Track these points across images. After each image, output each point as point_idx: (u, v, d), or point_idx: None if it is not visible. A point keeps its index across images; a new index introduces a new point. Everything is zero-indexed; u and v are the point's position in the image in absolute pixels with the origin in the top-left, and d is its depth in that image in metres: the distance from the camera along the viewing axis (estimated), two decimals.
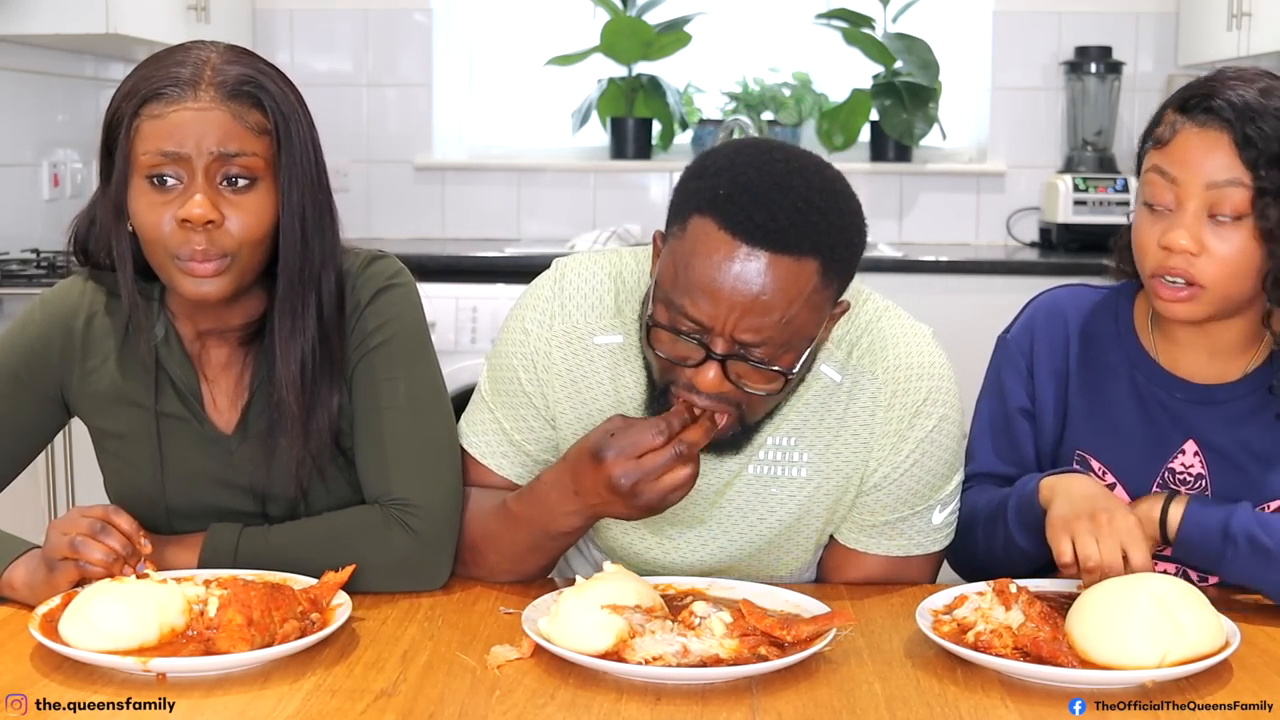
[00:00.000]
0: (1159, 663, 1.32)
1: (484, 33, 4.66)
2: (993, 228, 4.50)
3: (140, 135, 1.50)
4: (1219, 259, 1.56)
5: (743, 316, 1.42)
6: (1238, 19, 3.84)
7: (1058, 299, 1.79)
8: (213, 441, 1.66)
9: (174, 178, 1.50)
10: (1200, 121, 1.57)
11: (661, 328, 1.48)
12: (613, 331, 1.66)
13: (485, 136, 4.68)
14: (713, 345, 1.45)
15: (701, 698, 1.31)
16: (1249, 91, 1.56)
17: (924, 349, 1.64)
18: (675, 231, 1.47)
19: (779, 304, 1.42)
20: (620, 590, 1.41)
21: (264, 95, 1.53)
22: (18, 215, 3.73)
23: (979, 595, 1.46)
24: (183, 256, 1.51)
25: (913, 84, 4.30)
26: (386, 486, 1.62)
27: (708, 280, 1.42)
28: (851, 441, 1.63)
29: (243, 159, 1.51)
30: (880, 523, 1.66)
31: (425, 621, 1.52)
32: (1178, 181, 1.57)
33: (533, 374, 1.67)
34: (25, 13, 3.39)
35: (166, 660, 1.33)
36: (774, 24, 4.47)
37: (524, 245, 4.26)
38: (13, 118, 3.70)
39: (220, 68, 1.52)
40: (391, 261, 1.70)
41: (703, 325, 1.44)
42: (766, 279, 1.41)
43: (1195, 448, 1.67)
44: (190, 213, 1.49)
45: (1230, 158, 1.55)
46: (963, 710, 1.29)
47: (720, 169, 1.47)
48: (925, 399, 1.62)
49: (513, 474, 1.69)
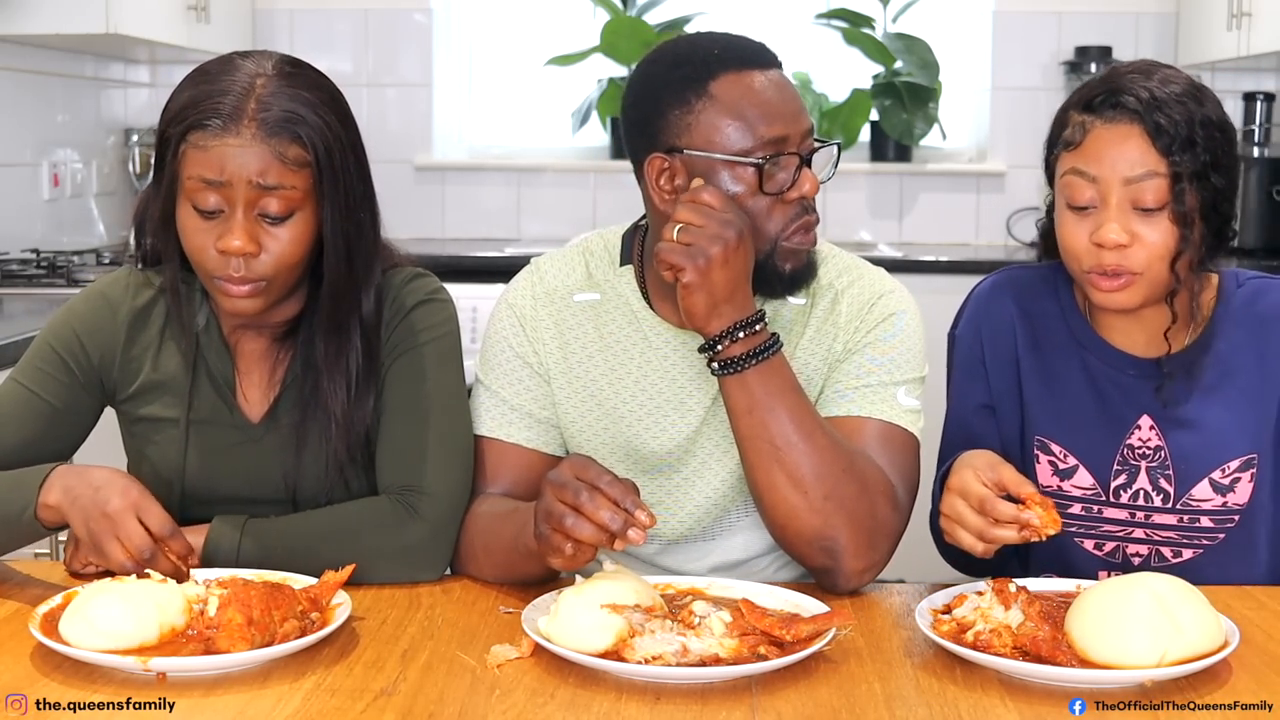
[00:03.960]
0: (1158, 662, 1.32)
1: (484, 33, 4.66)
2: (993, 228, 4.50)
3: (186, 161, 1.58)
4: (1149, 244, 1.61)
5: (797, 115, 1.65)
6: (1238, 19, 3.84)
7: (997, 284, 1.82)
8: (239, 429, 1.71)
9: (215, 206, 1.58)
10: (1109, 118, 1.61)
11: (762, 162, 1.61)
12: (589, 290, 1.78)
13: (485, 136, 4.68)
14: (801, 151, 1.65)
15: (701, 697, 1.31)
16: (1150, 83, 1.61)
17: (880, 273, 1.79)
18: (695, 110, 1.63)
19: (799, 98, 1.68)
20: (620, 590, 1.41)
21: (303, 129, 1.59)
22: (18, 215, 3.73)
23: (979, 595, 1.46)
24: (220, 278, 1.60)
25: (913, 84, 4.30)
26: (399, 476, 1.67)
27: (767, 104, 1.63)
28: (820, 339, 1.73)
29: (281, 192, 1.58)
30: (845, 389, 1.69)
31: (425, 621, 1.52)
32: (1097, 180, 1.61)
33: (521, 335, 1.77)
34: (25, 13, 3.39)
35: (166, 660, 1.33)
36: (774, 24, 4.47)
37: (524, 245, 4.27)
38: (13, 118, 3.70)
39: (265, 100, 1.58)
40: (434, 279, 1.79)
41: (784, 139, 1.63)
42: (786, 85, 1.67)
43: (1150, 421, 1.71)
44: (229, 245, 1.57)
45: (1144, 149, 1.59)
46: (962, 710, 1.29)
47: (688, 51, 1.68)
48: (882, 295, 1.74)
49: (521, 438, 1.75)
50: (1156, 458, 1.71)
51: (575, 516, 1.40)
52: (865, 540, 1.59)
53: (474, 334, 3.58)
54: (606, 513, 1.38)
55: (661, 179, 1.65)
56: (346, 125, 1.65)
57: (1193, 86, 1.64)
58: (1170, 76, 1.63)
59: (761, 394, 1.58)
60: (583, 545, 1.41)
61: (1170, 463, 1.70)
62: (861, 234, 4.47)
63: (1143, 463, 1.71)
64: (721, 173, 1.62)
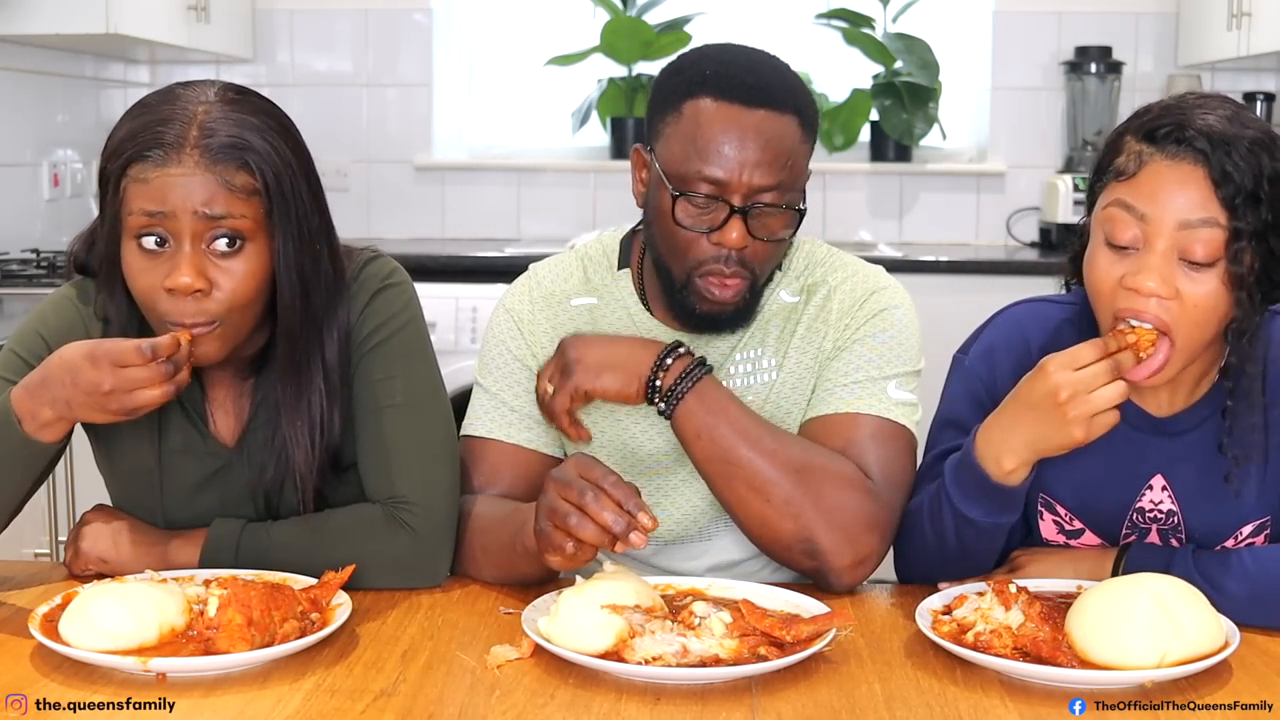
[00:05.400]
0: (1158, 663, 1.32)
1: (484, 33, 4.66)
2: (993, 228, 4.50)
3: (128, 196, 1.50)
4: (1190, 304, 1.45)
5: (755, 166, 1.60)
6: (1238, 19, 3.84)
7: (1019, 319, 1.68)
8: (214, 455, 1.67)
9: (160, 240, 1.49)
10: (1171, 153, 1.45)
11: (686, 196, 1.61)
12: (586, 295, 1.80)
13: (485, 136, 4.68)
14: (732, 201, 1.61)
15: (701, 698, 1.31)
16: (1222, 122, 1.45)
17: (876, 270, 1.79)
18: (669, 122, 1.64)
19: (779, 152, 1.61)
20: (620, 590, 1.41)
21: (251, 155, 1.50)
22: (18, 215, 3.73)
23: (979, 595, 1.45)
24: (172, 321, 1.50)
25: (913, 84, 4.30)
26: (386, 485, 1.63)
27: (721, 142, 1.60)
28: (811, 337, 1.74)
29: (230, 221, 1.49)
30: (835, 386, 1.70)
31: (425, 621, 1.52)
32: (1146, 219, 1.45)
33: (519, 339, 1.79)
34: (25, 13, 3.39)
35: (166, 660, 1.33)
36: (774, 24, 4.47)
37: (524, 245, 4.26)
38: (13, 118, 3.70)
39: (207, 126, 1.50)
40: (387, 261, 1.72)
41: (721, 184, 1.61)
42: (767, 132, 1.61)
43: (1163, 481, 1.59)
44: (177, 282, 1.48)
45: (1206, 195, 1.43)
46: (962, 710, 1.29)
47: (692, 62, 1.67)
48: (874, 292, 1.74)
49: (521, 439, 1.75)
50: (1169, 522, 1.60)
51: (579, 516, 1.40)
52: (843, 536, 1.59)
53: (473, 335, 3.58)
54: (610, 514, 1.39)
55: (640, 171, 1.72)
56: (298, 153, 1.56)
57: (1267, 136, 1.46)
58: (1246, 120, 1.46)
59: (703, 414, 1.62)
60: (584, 545, 1.41)
61: (1184, 530, 1.59)
62: (861, 234, 4.47)
63: (1153, 525, 1.60)
64: (660, 186, 1.65)
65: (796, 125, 1.63)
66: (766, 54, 1.70)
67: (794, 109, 1.63)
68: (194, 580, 1.50)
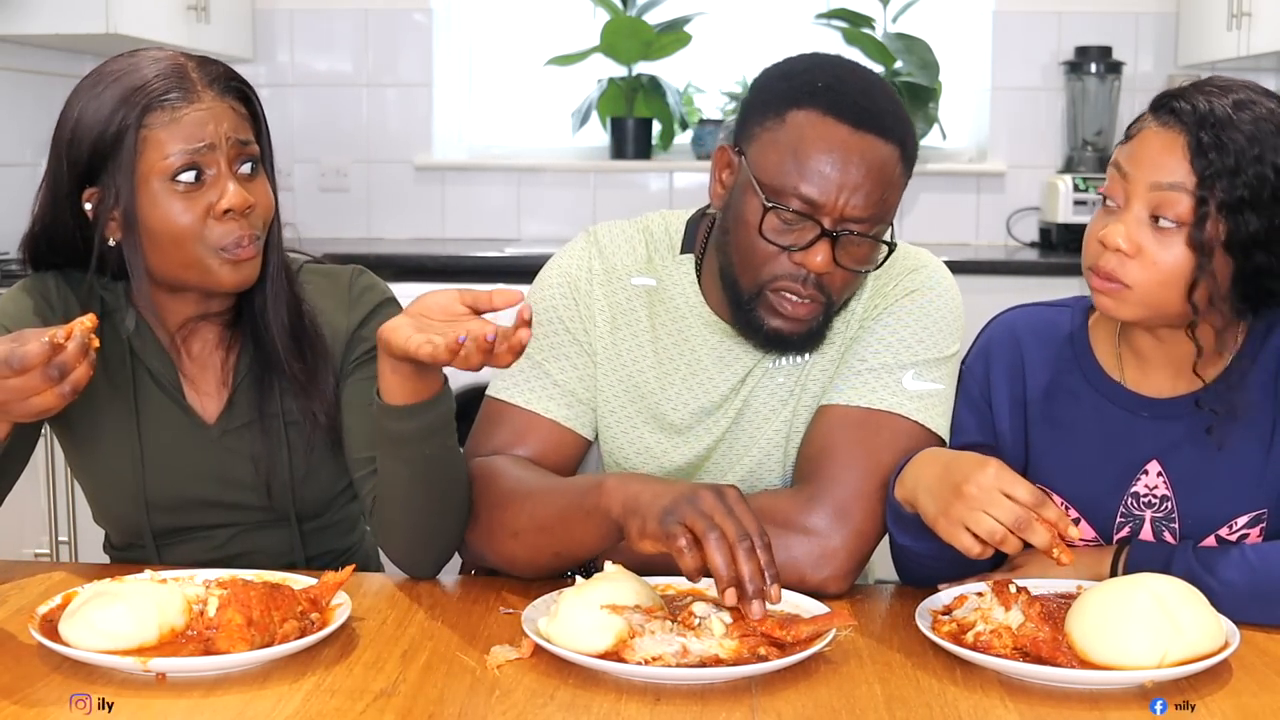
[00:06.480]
0: (1158, 663, 1.32)
1: (484, 33, 4.66)
2: (993, 228, 4.50)
3: (153, 143, 1.55)
4: (1150, 264, 1.52)
5: (853, 193, 1.54)
6: (1238, 19, 3.84)
7: (1012, 323, 1.74)
8: (196, 430, 1.69)
9: (198, 174, 1.57)
10: (1162, 121, 1.54)
11: (777, 207, 1.55)
12: (647, 275, 1.74)
13: (485, 136, 4.68)
14: (823, 222, 1.55)
15: (701, 698, 1.31)
16: (1222, 100, 1.51)
17: (917, 250, 1.75)
18: (769, 127, 1.58)
19: (879, 181, 1.56)
20: (620, 590, 1.41)
21: (245, 85, 1.64)
22: (18, 215, 3.72)
23: (979, 595, 1.45)
24: (228, 247, 1.58)
25: (913, 84, 4.30)
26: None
27: (822, 160, 1.54)
28: (844, 315, 1.70)
29: (250, 146, 1.61)
30: (850, 372, 1.66)
31: (425, 621, 1.52)
32: (1128, 178, 1.54)
33: (574, 309, 1.73)
34: (25, 13, 3.39)
35: (166, 660, 1.33)
36: (774, 24, 4.47)
37: (524, 245, 4.26)
38: (13, 118, 3.70)
39: (202, 68, 1.60)
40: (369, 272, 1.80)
41: (815, 204, 1.55)
42: (870, 159, 1.55)
43: (1159, 467, 1.62)
44: (234, 201, 1.57)
45: (1180, 161, 1.50)
46: (962, 710, 1.29)
47: (805, 69, 1.61)
48: (912, 270, 1.71)
49: (560, 416, 1.71)
50: (1162, 508, 1.62)
51: (728, 556, 1.36)
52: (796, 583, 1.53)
53: None
54: (750, 569, 1.36)
55: (723, 171, 1.65)
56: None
57: (1275, 126, 1.52)
58: (1250, 101, 1.52)
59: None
60: (700, 569, 1.38)
61: (1177, 516, 1.62)
62: None
63: (1147, 512, 1.62)
64: (747, 192, 1.59)
65: (899, 157, 1.58)
66: (879, 78, 1.64)
67: (899, 139, 1.58)
68: (194, 580, 1.50)
